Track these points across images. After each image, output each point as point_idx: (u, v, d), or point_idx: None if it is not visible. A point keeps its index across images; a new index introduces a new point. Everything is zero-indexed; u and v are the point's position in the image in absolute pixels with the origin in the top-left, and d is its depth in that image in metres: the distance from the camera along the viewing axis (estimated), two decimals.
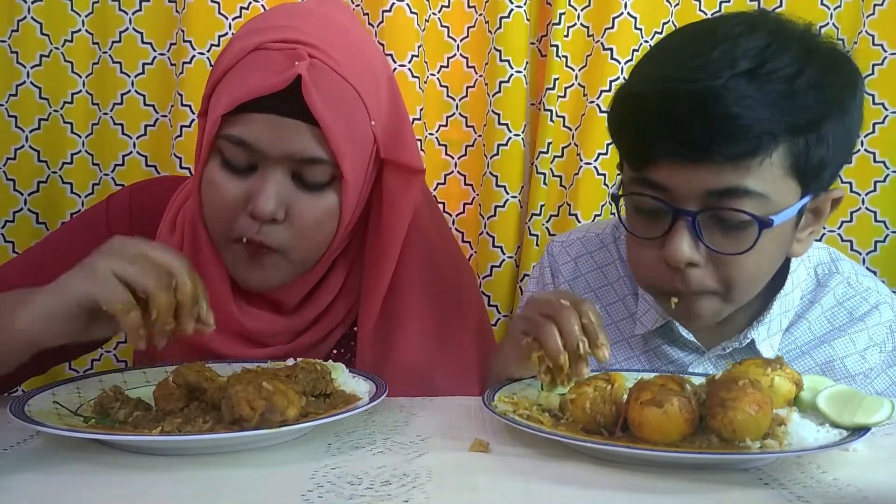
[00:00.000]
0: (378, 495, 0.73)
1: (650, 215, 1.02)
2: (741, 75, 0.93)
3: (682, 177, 0.97)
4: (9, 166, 1.67)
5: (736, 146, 0.94)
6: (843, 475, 0.80)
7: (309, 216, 1.04)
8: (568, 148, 1.69)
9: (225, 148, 1.03)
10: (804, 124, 0.96)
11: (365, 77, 1.05)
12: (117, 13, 1.68)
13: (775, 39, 0.96)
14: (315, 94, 0.99)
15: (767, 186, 0.96)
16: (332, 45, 1.03)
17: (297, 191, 1.04)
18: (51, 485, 0.77)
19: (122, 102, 1.70)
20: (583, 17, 1.67)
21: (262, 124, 1.00)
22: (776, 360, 0.93)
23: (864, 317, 1.15)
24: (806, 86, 0.95)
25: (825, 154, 0.98)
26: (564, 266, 1.28)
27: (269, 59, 1.01)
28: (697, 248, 0.99)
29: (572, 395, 0.88)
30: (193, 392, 0.90)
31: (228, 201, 1.04)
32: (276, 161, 1.02)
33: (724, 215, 0.97)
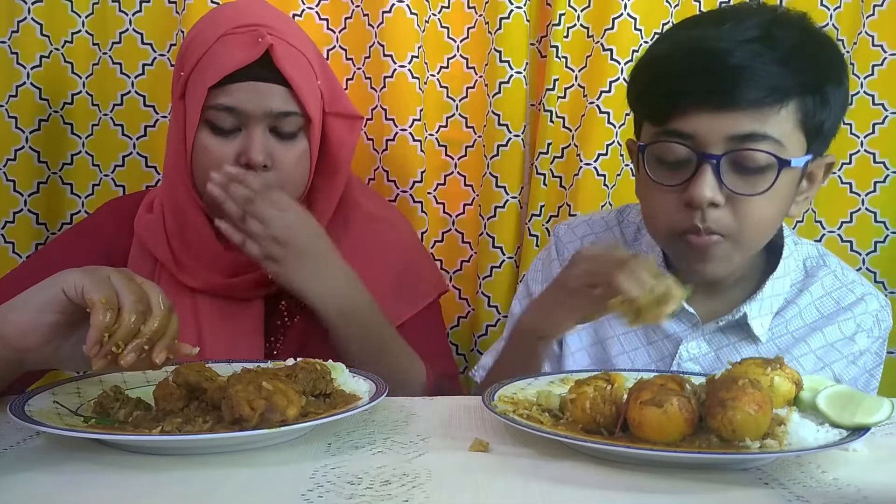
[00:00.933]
0: (378, 495, 0.73)
1: (673, 164, 1.10)
2: (753, 40, 1.06)
3: (707, 123, 1.07)
4: (9, 167, 1.67)
5: (754, 94, 1.05)
6: (843, 475, 0.80)
7: (289, 159, 1.27)
8: (568, 148, 1.69)
9: (213, 117, 1.24)
10: (810, 83, 1.08)
11: (307, 47, 1.31)
12: (117, 14, 1.68)
13: (777, 18, 1.10)
14: (284, 61, 1.24)
15: (782, 134, 1.07)
16: (282, 24, 1.29)
17: (276, 142, 1.26)
18: (51, 485, 0.77)
19: (122, 103, 1.70)
20: (583, 18, 1.67)
21: (244, 90, 1.23)
22: (776, 359, 0.93)
23: (850, 306, 1.22)
24: (809, 52, 1.08)
25: (826, 116, 1.10)
26: (570, 244, 1.34)
27: (240, 40, 1.24)
28: (720, 190, 1.08)
29: (572, 394, 0.88)
30: (193, 392, 0.90)
31: (223, 160, 1.24)
32: (257, 119, 1.24)
33: (746, 158, 1.07)
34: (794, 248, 1.25)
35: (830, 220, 1.68)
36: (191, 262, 1.30)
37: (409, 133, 1.65)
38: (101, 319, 0.88)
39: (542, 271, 1.36)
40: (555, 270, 1.31)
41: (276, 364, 0.99)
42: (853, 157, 1.67)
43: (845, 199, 1.68)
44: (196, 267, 1.30)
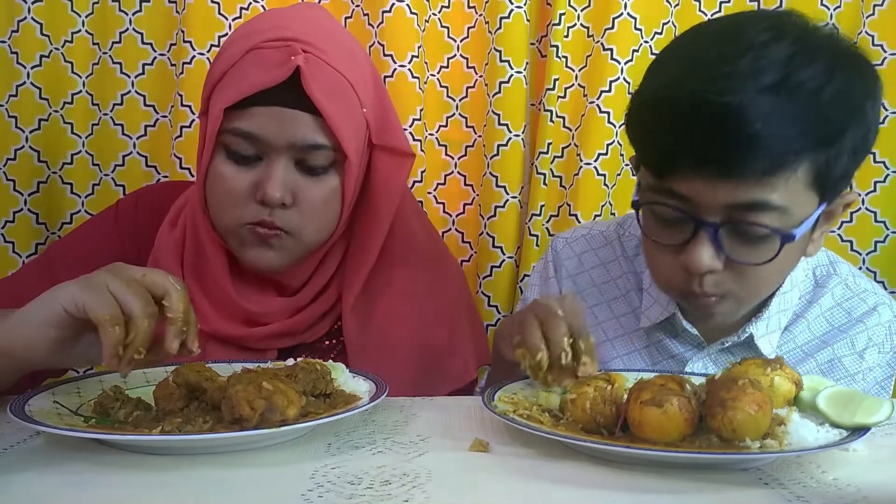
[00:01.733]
0: (378, 495, 0.73)
1: (670, 223, 1.02)
2: (767, 90, 0.92)
3: (706, 189, 0.96)
4: (9, 167, 1.67)
5: (761, 163, 0.93)
6: (843, 475, 0.80)
7: (315, 198, 1.11)
8: (568, 148, 1.69)
9: (230, 141, 1.09)
10: (828, 139, 0.95)
11: (353, 68, 1.13)
12: (117, 14, 1.68)
13: (801, 49, 0.95)
14: (314, 85, 1.06)
15: (790, 200, 0.96)
16: (321, 41, 1.10)
17: (301, 177, 1.10)
18: (51, 485, 0.77)
19: (122, 103, 1.70)
20: (583, 18, 1.67)
21: (266, 116, 1.07)
22: (776, 359, 0.93)
23: (863, 317, 1.17)
24: (830, 98, 0.94)
25: (845, 165, 0.99)
26: (568, 261, 1.30)
27: (267, 57, 1.08)
28: (718, 257, 1.00)
29: (572, 394, 0.88)
30: (193, 392, 0.90)
31: (237, 191, 1.10)
32: (280, 150, 1.08)
33: (746, 229, 0.98)
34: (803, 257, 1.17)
35: None
36: (205, 306, 1.18)
37: (409, 133, 1.65)
38: (112, 337, 0.85)
39: (538, 286, 1.32)
40: (552, 288, 1.29)
41: (275, 364, 0.99)
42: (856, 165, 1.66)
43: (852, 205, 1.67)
44: (210, 312, 1.17)
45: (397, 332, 1.20)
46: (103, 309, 0.86)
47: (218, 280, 1.17)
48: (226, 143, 1.10)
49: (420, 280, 1.25)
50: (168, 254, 1.19)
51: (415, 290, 1.24)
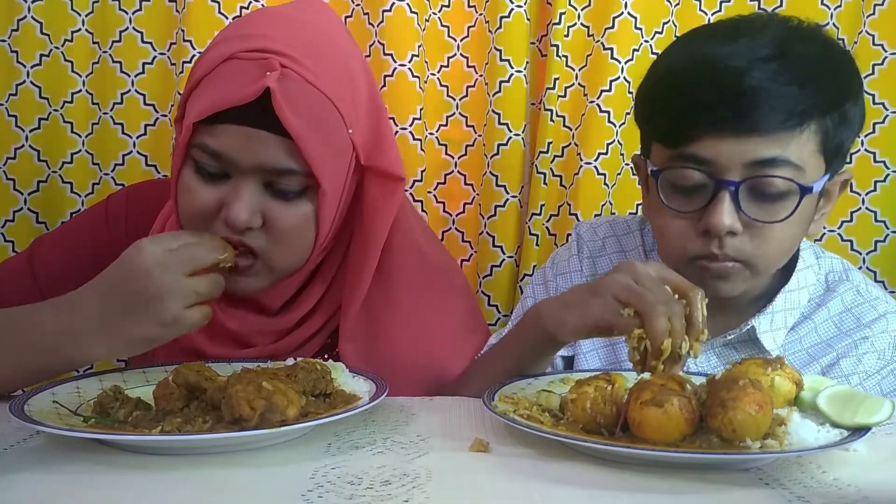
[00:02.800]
0: (378, 495, 0.73)
1: (689, 190, 1.06)
2: (771, 58, 1.02)
3: (725, 149, 1.02)
4: (9, 166, 1.67)
5: (775, 118, 1.01)
6: (844, 475, 0.80)
7: (285, 223, 1.05)
8: (568, 148, 1.69)
9: (198, 156, 1.04)
10: (830, 103, 1.04)
11: (341, 86, 1.05)
12: (117, 13, 1.68)
13: (793, 32, 1.06)
14: (285, 107, 0.99)
15: (802, 159, 1.03)
16: (306, 54, 1.02)
17: (271, 199, 1.04)
18: (51, 485, 0.77)
19: (122, 102, 1.70)
20: (583, 17, 1.67)
21: (234, 135, 1.01)
22: (776, 359, 0.93)
23: (870, 323, 1.17)
24: (828, 69, 1.05)
25: (846, 135, 1.07)
26: (591, 243, 1.31)
27: (242, 70, 1.01)
28: (738, 217, 1.04)
29: (573, 395, 0.88)
30: (193, 392, 0.90)
31: (203, 207, 1.05)
32: (247, 171, 1.02)
33: (766, 184, 1.03)
34: (816, 261, 1.20)
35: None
36: None
37: (409, 132, 1.65)
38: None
39: (562, 263, 1.32)
40: (573, 264, 1.30)
41: (275, 364, 0.99)
42: (853, 157, 1.66)
43: (845, 199, 1.66)
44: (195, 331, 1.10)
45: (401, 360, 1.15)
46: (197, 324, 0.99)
47: None
48: (194, 157, 1.04)
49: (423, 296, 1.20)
50: None
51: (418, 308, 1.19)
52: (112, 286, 0.98)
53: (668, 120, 1.08)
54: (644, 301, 0.90)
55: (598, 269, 1.29)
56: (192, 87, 1.06)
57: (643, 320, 0.90)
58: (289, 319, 1.16)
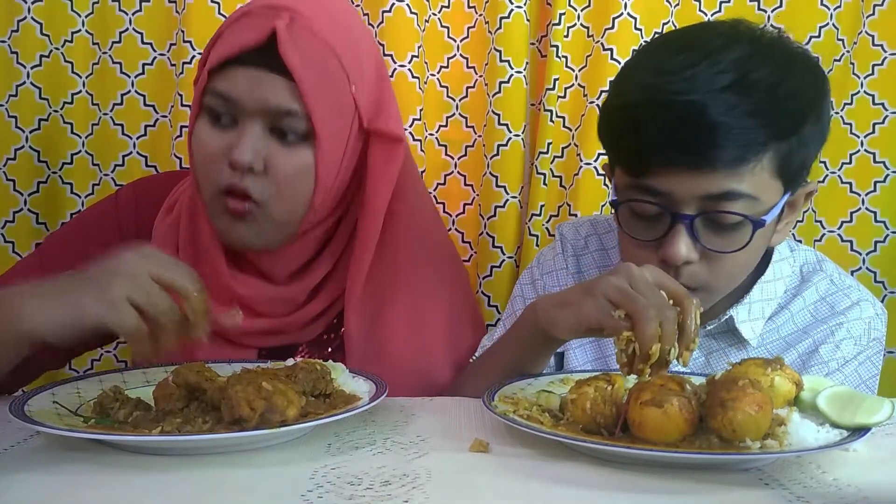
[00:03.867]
0: (378, 495, 0.73)
1: (648, 219, 1.08)
2: (726, 89, 1.01)
3: (680, 183, 1.04)
4: (9, 166, 1.67)
5: (728, 154, 1.01)
6: (843, 475, 0.80)
7: (286, 168, 1.09)
8: (568, 148, 1.69)
9: (210, 103, 1.10)
10: (787, 130, 1.04)
11: (346, 44, 1.11)
12: (117, 13, 1.68)
13: (755, 51, 1.04)
14: (290, 49, 1.05)
15: (757, 189, 1.04)
16: (316, 12, 1.10)
17: (275, 144, 1.09)
18: (51, 485, 0.77)
19: (122, 103, 1.70)
20: (583, 18, 1.67)
21: (242, 78, 1.07)
22: (776, 359, 0.93)
23: (845, 311, 1.19)
24: (786, 93, 1.03)
25: (805, 155, 1.07)
26: (574, 241, 1.33)
27: (253, 20, 1.09)
28: (694, 248, 1.06)
29: (573, 395, 0.88)
30: (193, 392, 0.90)
31: (212, 153, 1.10)
32: (253, 114, 1.08)
33: (720, 217, 1.05)
34: (791, 253, 1.23)
35: (830, 220, 1.68)
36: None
37: (409, 133, 1.65)
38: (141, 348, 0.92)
39: (547, 262, 1.33)
40: (558, 262, 1.31)
41: (275, 364, 0.99)
42: (853, 157, 1.66)
43: (845, 199, 1.67)
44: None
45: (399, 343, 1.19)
46: (128, 325, 0.90)
47: (209, 254, 1.16)
48: (206, 105, 1.11)
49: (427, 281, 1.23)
50: (164, 238, 1.20)
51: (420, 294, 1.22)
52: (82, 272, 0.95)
53: (626, 150, 1.09)
54: (636, 304, 0.91)
55: (581, 268, 1.31)
56: (208, 50, 1.13)
57: (633, 323, 0.90)
58: (296, 289, 1.19)
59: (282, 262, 1.18)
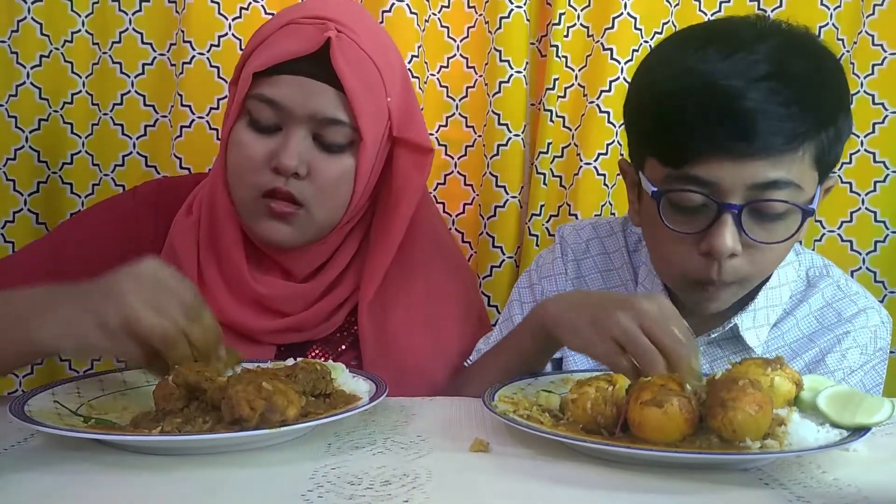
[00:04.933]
0: (378, 495, 0.73)
1: (691, 211, 1.05)
2: (766, 77, 1.00)
3: (727, 171, 1.01)
4: (9, 167, 1.67)
5: (776, 141, 1.00)
6: (844, 475, 0.80)
7: (328, 174, 1.12)
8: (568, 148, 1.69)
9: (253, 108, 1.12)
10: (826, 120, 1.03)
11: (383, 56, 1.16)
12: (117, 13, 1.68)
13: (788, 43, 1.04)
14: (341, 60, 1.09)
15: (801, 178, 1.03)
16: (357, 25, 1.14)
17: (317, 151, 1.12)
18: (51, 485, 0.77)
19: (122, 103, 1.70)
20: (583, 18, 1.67)
21: (291, 85, 1.10)
22: (776, 359, 0.93)
23: (851, 318, 1.18)
24: (822, 84, 1.04)
25: (839, 147, 1.07)
26: (575, 246, 1.32)
27: (301, 30, 1.12)
28: (740, 240, 1.04)
29: (573, 395, 0.88)
30: (193, 392, 0.90)
31: (254, 158, 1.12)
32: (299, 120, 1.11)
33: (767, 207, 1.03)
34: (796, 257, 1.21)
35: (830, 220, 1.68)
36: (214, 284, 1.19)
37: None
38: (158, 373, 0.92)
39: (546, 266, 1.33)
40: (557, 266, 1.31)
41: (275, 364, 0.99)
42: (853, 157, 1.66)
43: (845, 199, 1.67)
44: (218, 292, 1.18)
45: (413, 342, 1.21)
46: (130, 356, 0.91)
47: (231, 255, 1.18)
48: (249, 110, 1.12)
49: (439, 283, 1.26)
50: (184, 237, 1.21)
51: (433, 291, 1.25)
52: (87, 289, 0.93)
53: (667, 139, 1.06)
54: (644, 357, 0.91)
55: (582, 272, 1.30)
56: (248, 54, 1.16)
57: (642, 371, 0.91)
58: (314, 286, 1.21)
59: (305, 260, 1.21)
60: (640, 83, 1.13)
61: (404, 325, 1.22)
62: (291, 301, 1.20)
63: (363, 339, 1.20)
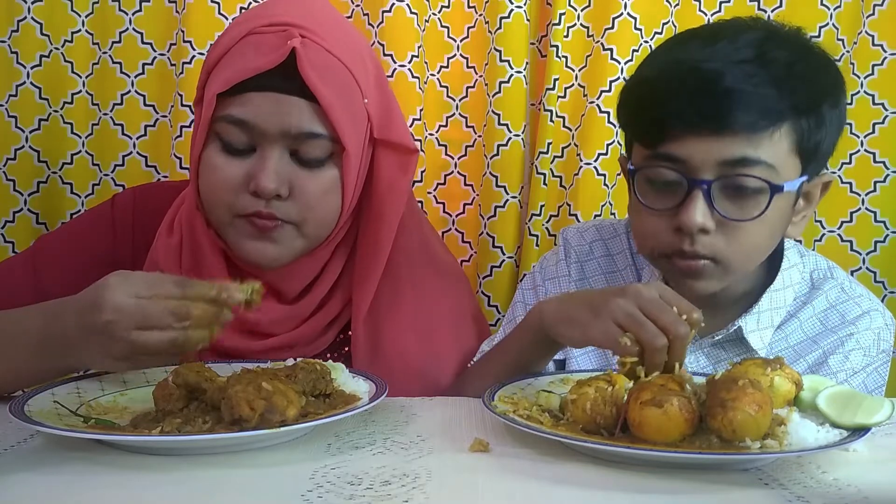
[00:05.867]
0: (378, 495, 0.73)
1: (664, 187, 1.08)
2: (746, 61, 1.04)
3: (698, 148, 1.04)
4: (9, 166, 1.67)
5: (747, 118, 1.02)
6: (843, 475, 0.80)
7: (313, 190, 1.06)
8: (568, 148, 1.69)
9: (223, 130, 1.05)
10: (804, 106, 1.05)
11: (354, 56, 1.09)
12: (117, 13, 1.68)
13: (772, 35, 1.08)
14: (310, 69, 1.02)
15: (776, 159, 1.05)
16: (322, 27, 1.06)
17: (297, 168, 1.06)
18: (51, 485, 0.77)
19: (122, 103, 1.70)
20: (583, 18, 1.67)
21: (260, 102, 1.03)
22: (776, 360, 0.93)
23: (855, 320, 1.18)
24: (803, 72, 1.06)
25: (822, 137, 1.08)
26: (579, 248, 1.32)
27: (263, 41, 1.04)
28: (711, 215, 1.05)
29: (573, 395, 0.88)
30: (193, 392, 0.90)
31: (229, 182, 1.06)
32: (274, 139, 1.04)
33: (738, 182, 1.05)
34: (800, 259, 1.21)
35: (830, 220, 1.68)
36: None
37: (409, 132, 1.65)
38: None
39: (550, 268, 1.33)
40: (561, 268, 1.30)
41: (275, 364, 0.99)
42: (853, 157, 1.66)
43: (845, 199, 1.67)
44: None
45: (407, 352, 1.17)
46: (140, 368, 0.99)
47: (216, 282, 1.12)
48: (218, 132, 1.06)
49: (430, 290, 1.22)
50: (167, 259, 1.16)
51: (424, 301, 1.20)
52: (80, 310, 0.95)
53: (645, 120, 1.10)
54: (645, 333, 0.92)
55: (586, 274, 1.30)
56: (210, 67, 1.09)
57: (643, 351, 0.92)
58: (306, 305, 1.17)
59: (294, 278, 1.15)
60: (630, 77, 1.19)
61: (397, 339, 1.17)
62: (281, 323, 1.16)
63: (356, 356, 1.16)
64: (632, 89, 1.15)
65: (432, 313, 1.21)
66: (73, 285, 1.02)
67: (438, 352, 1.20)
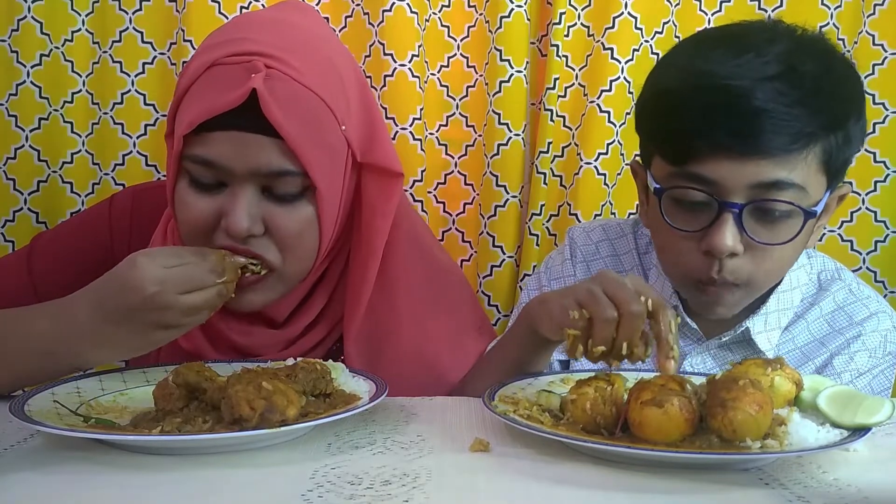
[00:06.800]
0: (378, 495, 0.73)
1: (692, 207, 1.05)
2: (775, 77, 1.00)
3: (729, 170, 1.01)
4: (9, 166, 1.67)
5: (780, 140, 0.99)
6: (844, 475, 0.80)
7: (288, 227, 1.03)
8: (568, 148, 1.69)
9: (191, 168, 1.02)
10: (834, 122, 1.03)
11: (329, 82, 1.03)
12: (117, 13, 1.68)
13: (799, 45, 1.04)
14: (274, 107, 0.97)
15: (806, 180, 1.02)
16: (292, 54, 1.01)
17: (271, 204, 1.02)
18: (51, 485, 0.77)
19: (122, 102, 1.70)
20: (583, 17, 1.67)
21: (225, 142, 0.99)
22: (776, 360, 0.93)
23: (862, 322, 1.18)
24: (832, 87, 1.03)
25: (849, 153, 1.06)
26: (585, 247, 1.31)
27: (226, 75, 0.99)
28: (741, 239, 1.03)
29: (573, 395, 0.88)
30: (193, 392, 0.90)
31: (201, 220, 1.03)
32: (244, 178, 1.00)
33: (770, 207, 1.02)
34: (808, 261, 1.21)
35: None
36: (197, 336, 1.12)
37: (409, 132, 1.65)
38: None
39: (556, 268, 1.33)
40: (566, 269, 1.30)
41: (275, 364, 0.99)
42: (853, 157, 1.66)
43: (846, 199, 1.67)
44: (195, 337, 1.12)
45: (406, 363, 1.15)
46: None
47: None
48: (187, 169, 1.03)
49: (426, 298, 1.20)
50: None
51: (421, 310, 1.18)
52: (105, 298, 0.96)
53: (671, 137, 1.06)
54: (597, 306, 0.90)
55: (592, 273, 1.27)
56: (178, 100, 1.05)
57: (591, 323, 0.90)
58: (294, 329, 1.15)
59: (282, 307, 1.14)
60: (649, 83, 1.13)
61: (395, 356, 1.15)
62: (271, 346, 1.15)
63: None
64: (653, 99, 1.11)
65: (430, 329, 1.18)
66: (69, 284, 1.03)
67: (435, 362, 1.18)
